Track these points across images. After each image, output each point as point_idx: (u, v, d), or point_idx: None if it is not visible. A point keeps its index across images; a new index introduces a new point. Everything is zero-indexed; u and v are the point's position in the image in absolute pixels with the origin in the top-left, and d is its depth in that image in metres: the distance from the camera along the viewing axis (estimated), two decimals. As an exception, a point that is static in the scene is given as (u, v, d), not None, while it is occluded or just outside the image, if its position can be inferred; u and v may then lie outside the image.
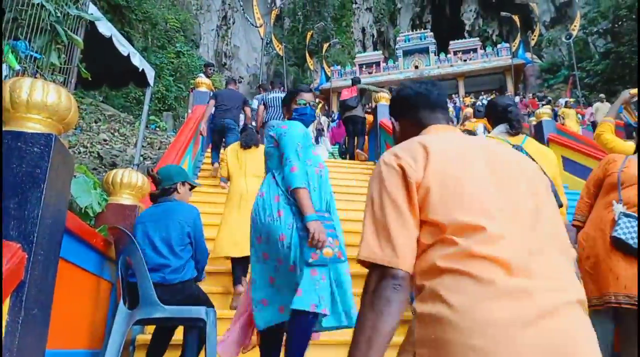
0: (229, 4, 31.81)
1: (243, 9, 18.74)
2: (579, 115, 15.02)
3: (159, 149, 11.40)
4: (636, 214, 2.70)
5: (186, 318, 2.66)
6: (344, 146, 9.60)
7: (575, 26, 22.06)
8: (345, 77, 31.62)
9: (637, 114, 3.53)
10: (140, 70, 6.34)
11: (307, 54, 29.39)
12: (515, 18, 28.27)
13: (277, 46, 21.86)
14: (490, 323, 0.94)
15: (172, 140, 10.73)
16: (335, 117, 16.28)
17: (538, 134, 8.51)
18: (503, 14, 30.36)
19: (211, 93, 7.48)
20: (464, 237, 1.03)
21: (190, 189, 3.19)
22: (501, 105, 2.98)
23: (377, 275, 1.08)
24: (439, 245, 1.06)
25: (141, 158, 10.30)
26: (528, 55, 28.83)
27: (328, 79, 30.76)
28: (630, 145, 3.21)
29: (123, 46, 5.86)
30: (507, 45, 30.09)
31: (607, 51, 22.43)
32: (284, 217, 2.47)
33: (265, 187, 2.62)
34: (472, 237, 1.02)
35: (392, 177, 1.13)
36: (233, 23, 32.83)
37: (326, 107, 29.99)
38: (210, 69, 8.66)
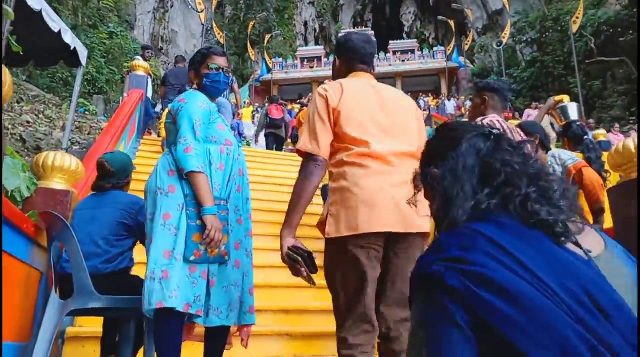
0: (168, -14, 30.58)
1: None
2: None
3: (88, 133, 10.76)
4: None
5: (126, 309, 2.52)
6: None
7: (505, 34, 23.37)
8: (286, 69, 31.53)
9: (563, 119, 3.84)
10: (72, 48, 5.95)
11: (248, 44, 28.92)
12: (451, 23, 29.51)
13: (218, 34, 21.31)
14: (369, 188, 1.79)
15: (102, 125, 10.20)
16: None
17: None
18: (440, 18, 31.58)
19: (164, 75, 7.28)
20: (355, 145, 1.86)
21: None
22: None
23: (307, 159, 1.87)
24: (343, 149, 1.88)
25: (69, 143, 9.70)
26: (461, 59, 30.22)
27: (269, 70, 30.49)
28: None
29: (54, 22, 5.46)
30: (443, 48, 31.37)
31: (533, 59, 23.97)
32: (177, 194, 2.17)
33: (161, 160, 2.30)
34: (360, 146, 1.85)
35: (320, 102, 1.92)
36: (172, 6, 31.58)
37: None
38: (148, 53, 8.29)
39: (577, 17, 17.06)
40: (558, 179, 0.92)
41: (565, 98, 4.26)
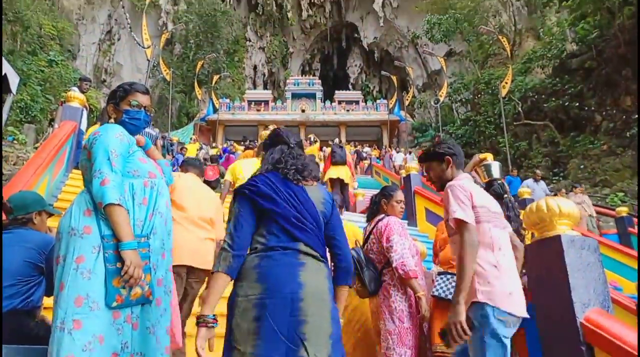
0: (116, 19, 30.19)
1: (130, 27, 17.93)
2: None
3: (14, 164, 10.11)
4: (450, 271, 3.38)
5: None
6: None
7: (442, 93, 24.90)
8: (233, 110, 31.60)
9: (486, 176, 4.04)
10: (2, 74, 5.67)
11: (196, 83, 28.87)
12: (394, 78, 31.13)
13: (165, 70, 21.15)
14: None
15: (30, 155, 9.63)
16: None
17: (406, 185, 9.27)
18: (383, 73, 33.25)
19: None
20: None
21: (48, 217, 2.86)
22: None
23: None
24: None
25: (-10, 172, 9.03)
26: (402, 113, 31.72)
27: (215, 110, 30.43)
28: None
29: (-17, 46, 5.22)
30: (386, 101, 32.84)
31: (467, 118, 25.56)
32: (92, 235, 2.00)
33: (77, 198, 2.13)
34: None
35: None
36: (118, 39, 31.13)
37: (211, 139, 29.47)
38: (86, 84, 7.99)
39: (507, 83, 18.53)
40: (307, 160, 2.14)
41: (489, 156, 4.50)
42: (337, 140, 10.95)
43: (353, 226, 4.09)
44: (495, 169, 4.06)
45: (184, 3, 34.98)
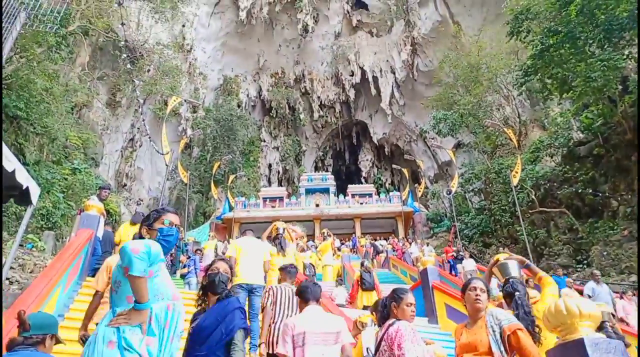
0: (138, 128, 32.04)
1: (149, 136, 18.97)
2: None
3: (30, 272, 10.16)
4: None
5: None
6: None
7: (453, 184, 25.14)
8: (248, 208, 32.08)
9: (503, 274, 4.03)
10: (24, 187, 5.92)
11: (212, 183, 29.73)
12: (405, 171, 31.73)
13: (182, 173, 21.99)
14: None
15: (48, 262, 9.71)
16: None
17: (423, 280, 9.00)
18: (394, 166, 33.99)
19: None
20: None
21: (55, 344, 2.83)
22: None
23: None
24: None
25: (7, 282, 9.05)
26: (416, 204, 31.82)
27: (231, 208, 30.94)
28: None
29: (9, 161, 5.52)
30: (399, 193, 33.15)
31: (481, 207, 25.48)
32: None
33: (101, 330, 2.26)
34: None
35: None
36: (140, 146, 32.77)
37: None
38: (105, 192, 8.27)
39: (517, 172, 18.71)
40: None
41: (502, 256, 4.47)
42: (365, 263, 10.97)
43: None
44: (513, 267, 4.05)
45: (203, 110, 37.30)
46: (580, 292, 9.89)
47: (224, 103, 38.36)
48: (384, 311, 3.51)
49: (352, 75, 41.93)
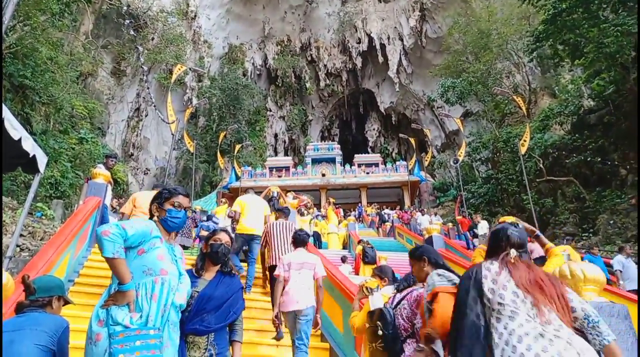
0: (144, 97, 31.89)
1: (155, 105, 18.88)
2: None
3: (41, 239, 10.34)
4: None
5: None
6: None
7: (461, 153, 24.95)
8: (255, 177, 32.18)
9: None
10: (31, 156, 5.94)
11: (218, 153, 29.75)
12: (412, 140, 31.50)
13: (189, 143, 21.97)
14: None
15: (57, 230, 9.86)
16: None
17: (428, 248, 9.08)
18: (401, 135, 33.74)
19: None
20: None
21: (64, 305, 2.88)
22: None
23: None
24: None
25: (17, 249, 9.22)
26: (423, 173, 31.75)
27: (238, 178, 31.06)
28: None
29: (15, 129, 5.52)
30: (405, 162, 33.04)
31: (488, 176, 25.35)
32: (102, 341, 2.24)
33: (94, 311, 2.38)
34: None
35: None
36: (146, 116, 32.69)
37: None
38: (112, 161, 8.29)
39: (525, 140, 18.49)
40: None
41: (509, 219, 4.41)
42: (365, 239, 11.11)
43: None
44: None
45: (208, 79, 36.95)
46: (609, 266, 9.55)
47: (229, 72, 37.94)
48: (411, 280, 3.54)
49: (359, 42, 41.16)
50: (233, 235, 5.68)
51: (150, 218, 2.67)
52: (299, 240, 5.24)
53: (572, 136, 19.61)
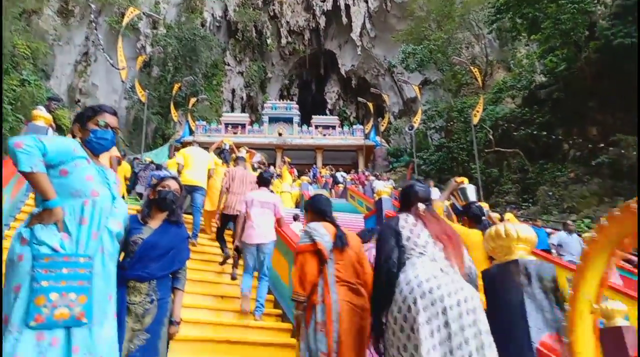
0: (93, 41, 30.00)
1: (104, 49, 17.83)
2: None
3: (-25, 183, 9.78)
4: None
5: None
6: None
7: (416, 120, 25.35)
8: (209, 133, 31.45)
9: (463, 199, 4.15)
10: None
11: (172, 105, 28.72)
12: (370, 105, 31.62)
13: (140, 93, 21.02)
14: None
15: (-6, 175, 9.33)
16: None
17: (378, 209, 9.32)
18: (360, 99, 33.77)
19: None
20: None
21: None
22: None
23: None
24: None
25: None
26: (378, 138, 32.10)
27: (192, 132, 30.26)
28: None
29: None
30: (362, 127, 33.22)
31: (440, 145, 26.02)
32: (25, 261, 1.99)
33: (16, 231, 2.14)
34: None
35: None
36: (95, 61, 30.86)
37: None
38: (55, 104, 7.83)
39: (478, 111, 19.02)
40: None
41: (465, 180, 4.57)
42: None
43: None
44: (471, 192, 4.17)
45: (164, 27, 35.11)
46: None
47: (186, 21, 36.16)
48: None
49: (323, 1, 40.15)
50: None
51: None
52: (264, 180, 5.53)
53: (522, 110, 20.33)
